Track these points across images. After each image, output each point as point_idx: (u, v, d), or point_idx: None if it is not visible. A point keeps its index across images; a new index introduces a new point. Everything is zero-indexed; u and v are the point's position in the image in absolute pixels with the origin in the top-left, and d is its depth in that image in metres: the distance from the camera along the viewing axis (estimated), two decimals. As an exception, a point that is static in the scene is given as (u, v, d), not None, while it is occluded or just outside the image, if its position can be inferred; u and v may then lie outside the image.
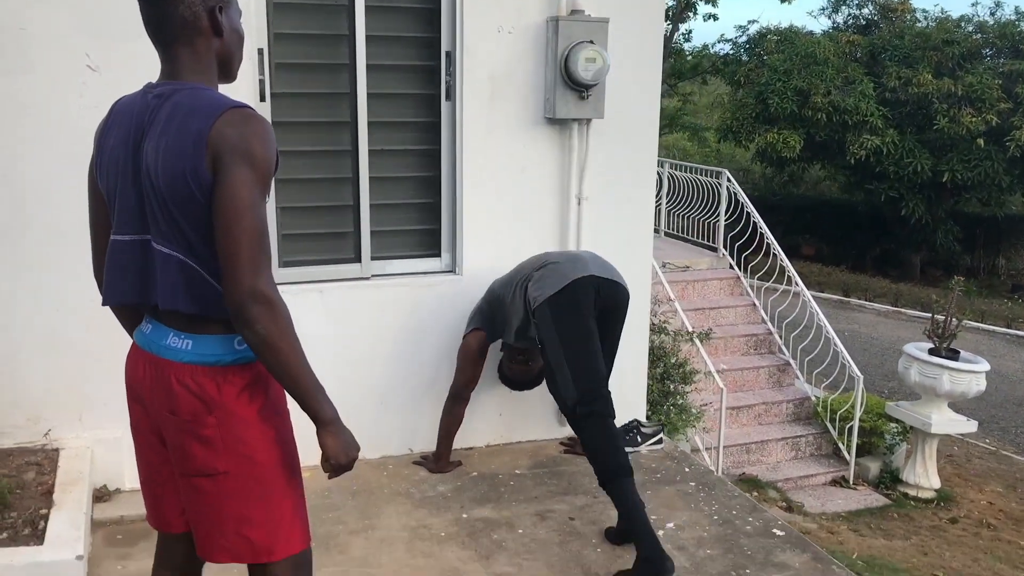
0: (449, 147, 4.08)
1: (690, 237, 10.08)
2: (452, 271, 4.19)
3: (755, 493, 7.20)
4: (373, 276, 4.09)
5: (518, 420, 4.41)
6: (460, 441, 4.28)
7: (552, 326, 3.45)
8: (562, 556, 3.37)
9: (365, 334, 4.06)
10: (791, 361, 8.42)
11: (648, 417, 4.77)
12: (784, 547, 3.49)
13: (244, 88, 3.65)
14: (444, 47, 4.00)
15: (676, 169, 10.43)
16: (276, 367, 1.91)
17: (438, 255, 4.20)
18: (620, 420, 4.36)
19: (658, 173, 10.32)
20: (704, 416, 6.08)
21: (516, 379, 4.05)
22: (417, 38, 4.00)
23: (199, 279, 1.91)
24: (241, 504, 2.00)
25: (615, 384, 4.24)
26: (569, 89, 4.03)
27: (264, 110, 3.75)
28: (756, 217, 9.03)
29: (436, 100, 4.06)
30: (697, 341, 7.25)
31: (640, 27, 4.22)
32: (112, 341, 3.44)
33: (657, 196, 10.44)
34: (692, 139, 23.33)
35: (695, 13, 21.18)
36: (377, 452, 4.19)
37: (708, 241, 9.74)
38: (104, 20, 3.45)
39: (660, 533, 3.54)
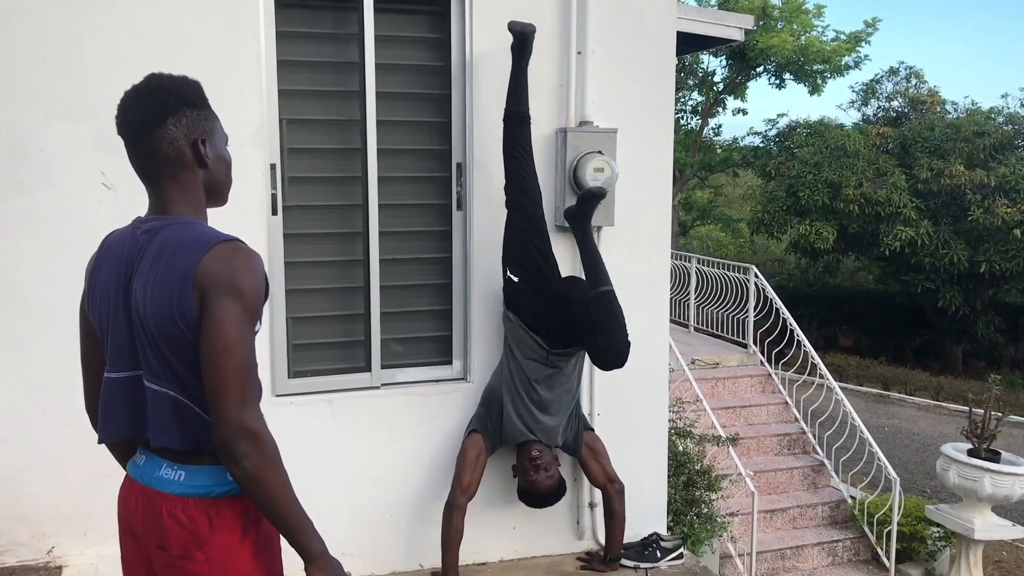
0: (460, 255, 4.09)
1: (720, 333, 9.97)
2: (463, 379, 4.15)
3: (791, 602, 6.92)
4: (383, 385, 4.05)
5: (533, 534, 4.29)
6: (472, 556, 4.18)
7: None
8: None
9: (374, 444, 4.01)
10: (825, 461, 8.19)
11: (670, 528, 4.62)
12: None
13: (256, 202, 3.72)
14: (455, 159, 4.04)
15: (704, 265, 10.39)
16: (263, 503, 1.88)
17: (449, 363, 4.17)
18: (639, 533, 4.27)
19: (686, 268, 10.32)
20: (731, 525, 5.88)
21: (535, 490, 3.95)
22: (429, 150, 4.05)
23: (191, 414, 1.90)
24: (227, 642, 1.93)
25: (633, 493, 4.15)
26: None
27: (276, 223, 3.80)
28: (785, 313, 8.92)
29: (448, 209, 4.08)
30: (732, 452, 7.09)
31: (650, 136, 4.25)
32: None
33: (685, 291, 10.43)
34: (724, 231, 23.37)
35: (724, 108, 21.46)
36: (386, 568, 4.09)
37: (738, 337, 9.62)
38: (119, 139, 3.53)
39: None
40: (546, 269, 3.83)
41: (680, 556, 4.25)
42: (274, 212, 3.80)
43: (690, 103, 21.63)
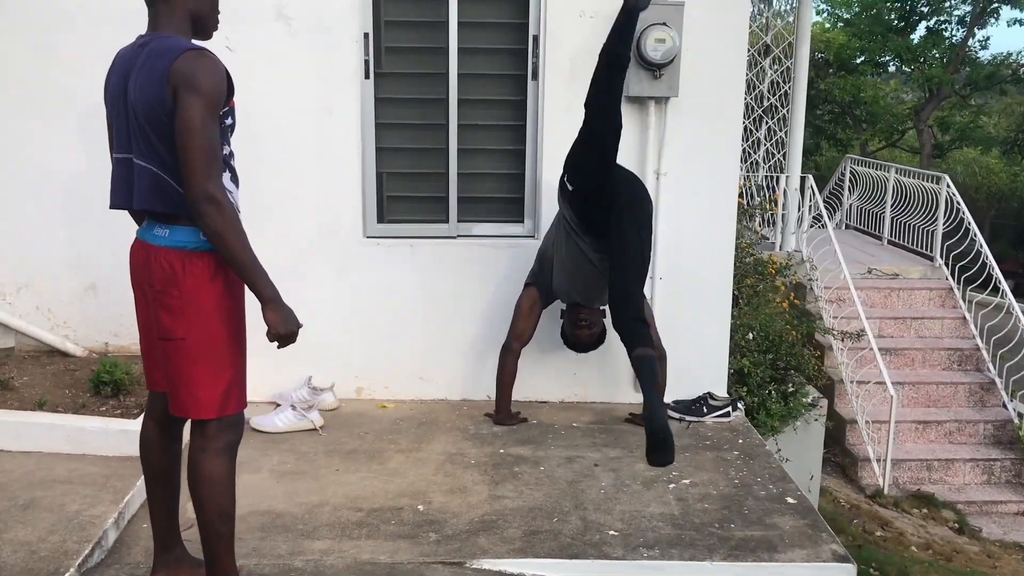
0: (533, 123, 4.48)
1: (911, 246, 9.53)
2: (532, 236, 4.58)
3: (924, 511, 6.80)
4: (459, 236, 4.58)
5: (593, 381, 4.69)
6: (535, 394, 4.67)
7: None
8: (565, 491, 3.66)
9: (448, 287, 4.56)
10: (997, 380, 7.75)
11: (730, 394, 4.82)
12: (786, 512, 3.51)
13: (351, 67, 4.32)
14: (531, 31, 4.41)
15: (903, 175, 9.88)
16: (225, 253, 2.46)
17: (520, 221, 4.60)
18: (696, 393, 4.54)
19: (883, 178, 9.89)
20: (867, 428, 5.88)
21: (577, 342, 4.33)
22: (506, 24, 4.44)
23: (169, 187, 2.50)
24: (193, 366, 2.56)
25: (692, 356, 4.40)
26: (642, 69, 4.28)
27: (368, 87, 4.38)
28: (971, 224, 8.40)
29: (523, 80, 4.47)
30: (874, 346, 6.99)
31: (723, 7, 4.35)
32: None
33: (880, 202, 10.00)
34: (987, 154, 21.36)
35: (997, 18, 19.42)
36: (457, 395, 4.67)
37: (926, 250, 9.17)
38: (241, 7, 4.23)
39: (672, 486, 3.72)
40: (601, 193, 3.79)
41: (727, 415, 4.48)
42: (367, 76, 4.38)
43: (956, 12, 19.80)
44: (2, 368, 4.25)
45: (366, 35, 4.34)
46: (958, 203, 8.69)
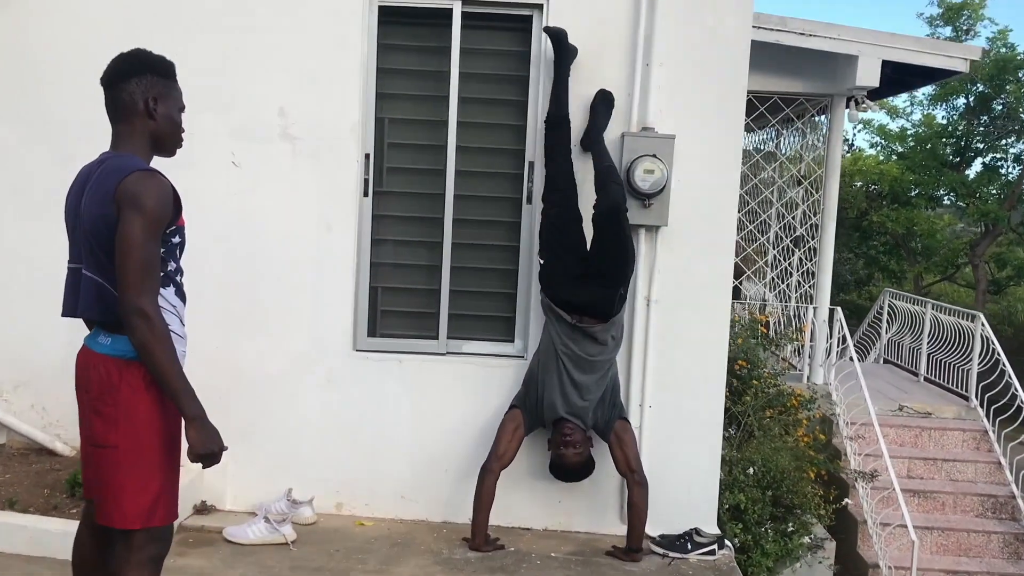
0: (527, 245, 4.52)
1: (945, 384, 9.24)
2: (522, 356, 4.56)
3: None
4: (449, 353, 4.58)
5: (578, 509, 4.57)
6: (518, 520, 4.56)
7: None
8: (524, 624, 3.52)
9: (437, 404, 4.54)
10: (1033, 532, 7.34)
11: (723, 531, 4.64)
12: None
13: (352, 185, 4.44)
14: (528, 157, 4.51)
15: (939, 311, 9.67)
16: (151, 367, 2.50)
17: (511, 341, 4.60)
18: (683, 527, 4.40)
19: (920, 313, 9.70)
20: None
21: (563, 463, 4.26)
22: (503, 149, 4.55)
23: (110, 297, 2.58)
24: (122, 475, 2.57)
25: (680, 488, 4.37)
26: (632, 198, 4.32)
27: (367, 204, 4.50)
28: (1005, 365, 8.13)
29: (519, 203, 4.55)
30: (896, 487, 6.71)
31: (717, 140, 4.41)
32: (228, 377, 4.31)
33: (918, 338, 9.77)
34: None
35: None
36: (439, 516, 4.59)
37: (961, 389, 8.87)
38: (248, 126, 4.43)
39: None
40: (569, 247, 4.26)
41: (712, 553, 4.31)
42: (365, 194, 4.50)
43: (1012, 151, 19.70)
44: (-11, 464, 4.31)
45: (367, 156, 4.48)
46: (993, 342, 8.44)
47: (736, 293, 9.12)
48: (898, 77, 8.14)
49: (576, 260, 4.24)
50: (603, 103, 4.33)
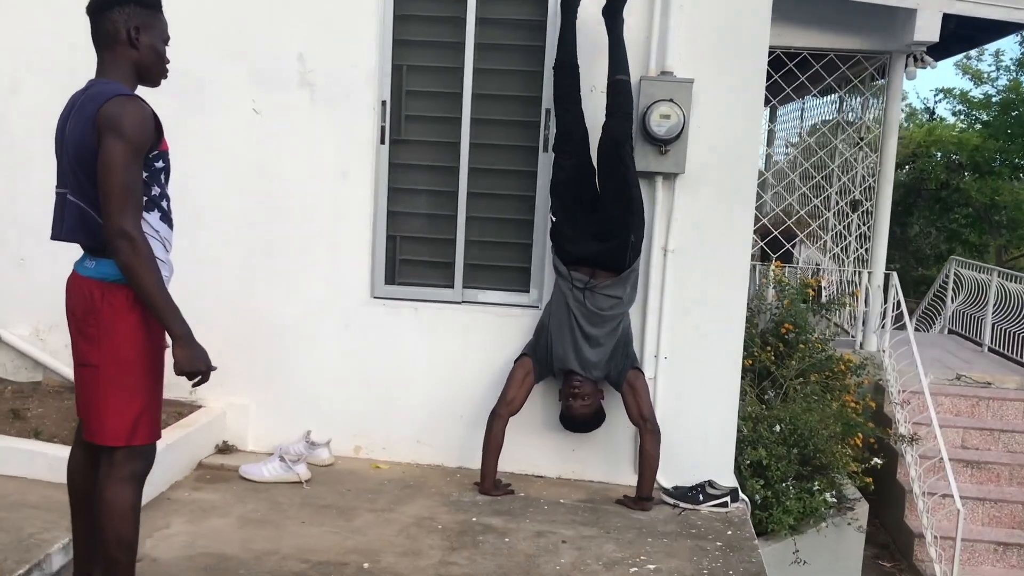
0: (543, 194, 4.49)
1: (1010, 354, 8.88)
2: (536, 306, 4.54)
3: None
4: (464, 301, 4.60)
5: (592, 459, 4.55)
6: (532, 468, 4.58)
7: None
8: (519, 564, 3.54)
9: (452, 351, 4.57)
10: (1094, 505, 7.02)
11: (741, 485, 4.56)
12: (745, 609, 3.27)
13: (368, 133, 4.48)
14: (544, 104, 4.46)
15: (1007, 279, 9.27)
16: (137, 288, 2.58)
17: (526, 291, 4.59)
18: (697, 479, 4.35)
19: (985, 282, 9.34)
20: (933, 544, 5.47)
21: (572, 415, 4.25)
22: (520, 96, 4.51)
23: (92, 221, 2.66)
24: (106, 394, 2.66)
25: (696, 440, 4.38)
26: (648, 144, 4.25)
27: (383, 152, 4.52)
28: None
29: (534, 151, 4.51)
30: (945, 455, 6.50)
31: (739, 84, 4.30)
32: (249, 323, 4.41)
33: (983, 306, 9.41)
34: None
35: None
36: (454, 461, 4.63)
37: (1027, 359, 8.53)
38: (269, 74, 4.49)
39: (633, 571, 3.55)
40: (583, 200, 4.20)
41: (724, 505, 4.24)
42: (382, 142, 4.53)
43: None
44: (25, 400, 4.51)
45: (384, 103, 4.50)
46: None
47: (788, 257, 8.91)
48: (963, 32, 7.78)
49: (587, 216, 4.19)
50: None
